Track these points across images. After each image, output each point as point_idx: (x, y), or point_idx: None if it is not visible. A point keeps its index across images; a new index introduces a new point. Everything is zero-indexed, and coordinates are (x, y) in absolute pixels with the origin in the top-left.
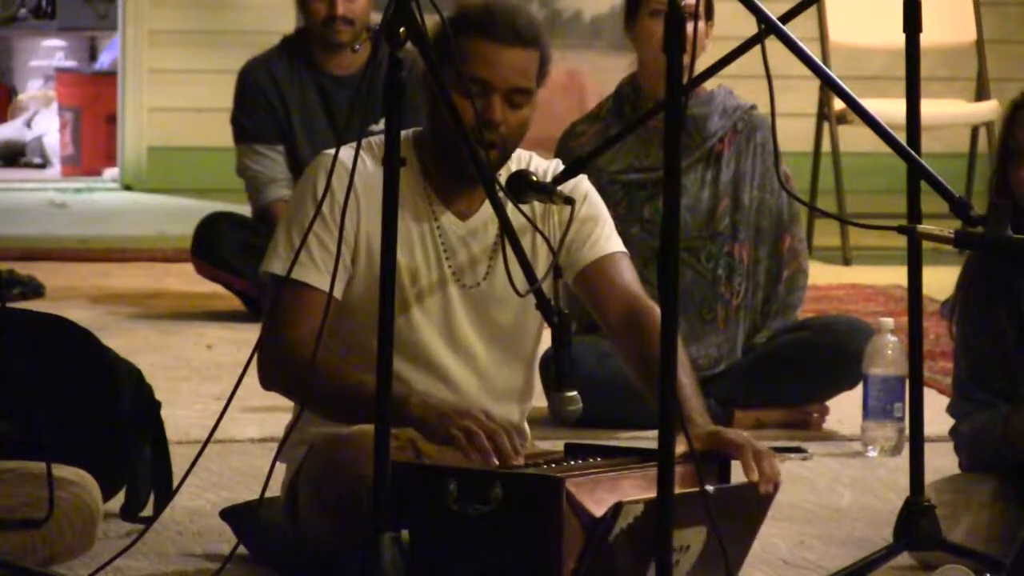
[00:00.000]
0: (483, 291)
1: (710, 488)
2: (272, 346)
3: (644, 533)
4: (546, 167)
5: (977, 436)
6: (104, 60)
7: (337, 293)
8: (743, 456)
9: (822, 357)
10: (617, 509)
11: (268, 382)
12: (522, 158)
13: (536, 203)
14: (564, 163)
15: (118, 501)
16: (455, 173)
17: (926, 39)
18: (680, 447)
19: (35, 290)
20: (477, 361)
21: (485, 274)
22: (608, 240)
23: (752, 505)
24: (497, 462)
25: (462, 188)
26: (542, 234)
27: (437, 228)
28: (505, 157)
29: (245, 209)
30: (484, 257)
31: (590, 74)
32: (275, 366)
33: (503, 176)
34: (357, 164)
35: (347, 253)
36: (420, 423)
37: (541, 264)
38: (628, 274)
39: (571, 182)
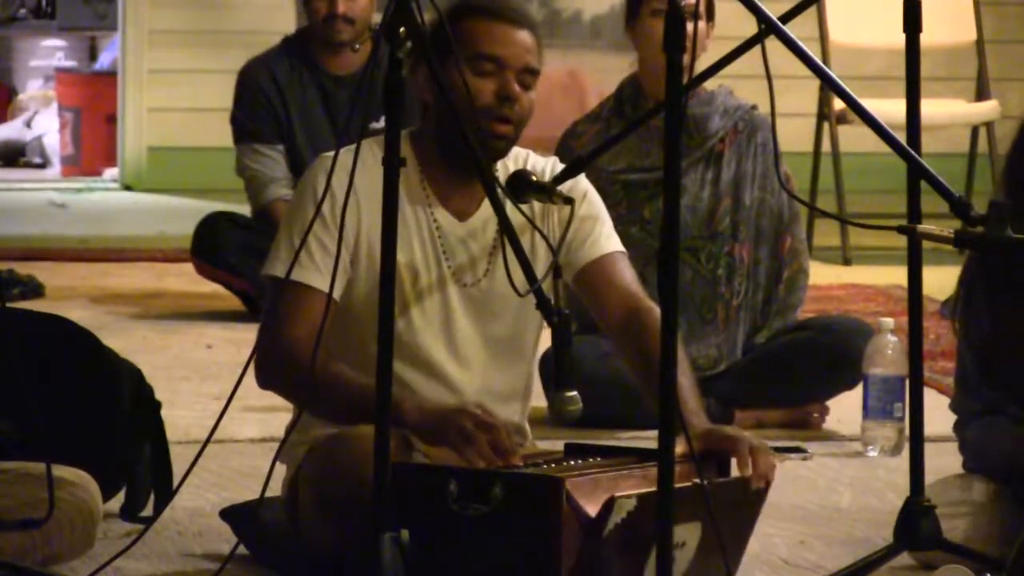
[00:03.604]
0: (482, 290)
1: (705, 481)
2: (270, 347)
3: (638, 528)
4: (544, 164)
5: (986, 447)
6: (104, 60)
7: (336, 295)
8: (738, 451)
9: (822, 357)
10: (610, 504)
11: (265, 383)
12: (519, 156)
13: (536, 202)
14: (564, 163)
15: (118, 501)
16: (459, 164)
17: (926, 39)
18: (679, 447)
19: (35, 290)
20: (476, 362)
21: (484, 272)
22: (607, 239)
23: (746, 500)
24: (498, 462)
25: (460, 186)
26: (542, 234)
27: (436, 228)
28: (515, 138)
29: (245, 209)
30: (483, 257)
31: (590, 74)
32: (273, 367)
33: (501, 174)
34: (357, 165)
35: (346, 255)
36: (418, 430)
37: (541, 264)
38: (627, 273)
39: (569, 180)
